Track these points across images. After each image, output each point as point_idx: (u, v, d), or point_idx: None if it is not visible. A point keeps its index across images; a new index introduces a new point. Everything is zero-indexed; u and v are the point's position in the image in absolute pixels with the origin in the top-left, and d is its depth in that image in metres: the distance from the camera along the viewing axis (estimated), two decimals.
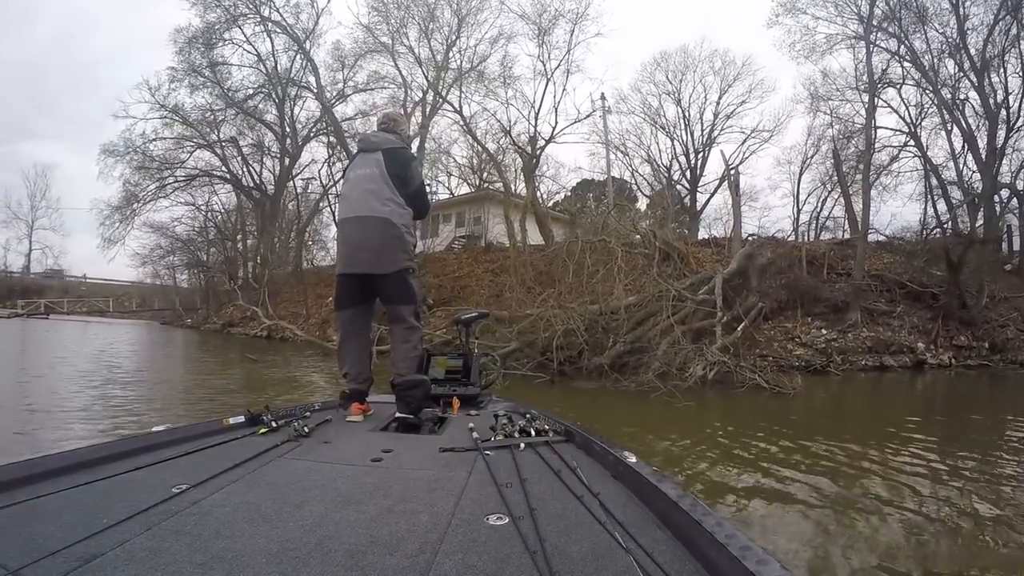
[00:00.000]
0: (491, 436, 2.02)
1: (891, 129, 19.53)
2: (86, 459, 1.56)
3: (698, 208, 28.23)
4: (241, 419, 2.20)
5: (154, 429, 1.90)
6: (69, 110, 77.29)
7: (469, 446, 1.92)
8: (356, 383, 2.82)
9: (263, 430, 2.08)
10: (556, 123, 20.92)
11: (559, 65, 21.10)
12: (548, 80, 20.88)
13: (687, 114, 28.48)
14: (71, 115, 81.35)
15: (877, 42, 17.37)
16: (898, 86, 18.42)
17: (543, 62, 21.01)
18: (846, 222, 22.86)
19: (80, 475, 1.46)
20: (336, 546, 1.09)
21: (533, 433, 2.04)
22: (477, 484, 1.53)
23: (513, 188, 21.76)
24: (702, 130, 28.63)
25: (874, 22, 17.32)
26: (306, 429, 2.09)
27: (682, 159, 28.99)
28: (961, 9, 17.81)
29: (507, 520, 1.23)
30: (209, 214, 32.52)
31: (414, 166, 2.96)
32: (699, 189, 28.63)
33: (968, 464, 4.94)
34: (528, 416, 2.37)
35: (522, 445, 1.91)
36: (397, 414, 2.57)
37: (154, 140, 27.83)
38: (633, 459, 1.58)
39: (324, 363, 12.41)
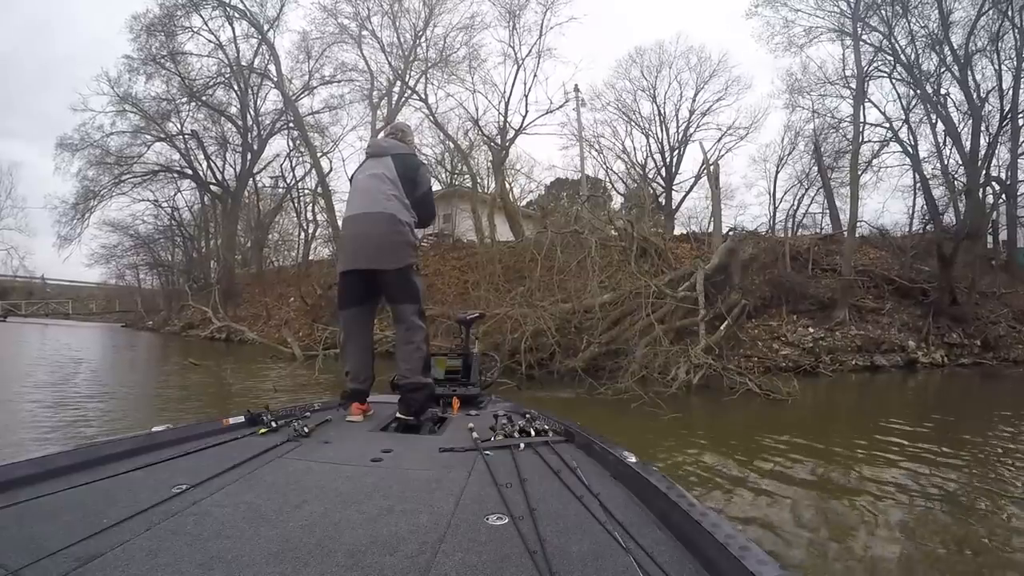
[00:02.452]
0: (491, 436, 2.00)
1: (875, 124, 18.91)
2: (86, 459, 1.56)
3: (674, 206, 27.50)
4: (241, 419, 2.18)
5: (154, 429, 1.87)
6: (42, 107, 73.21)
7: (469, 446, 1.91)
8: (357, 383, 2.80)
9: (263, 430, 2.06)
10: (527, 112, 19.72)
11: (530, 51, 19.92)
12: (519, 67, 19.76)
13: (662, 111, 27.59)
14: (44, 112, 77.38)
15: (861, 35, 16.72)
16: (888, 72, 17.79)
17: (513, 48, 19.88)
18: (824, 218, 22.42)
19: (80, 475, 1.45)
20: (336, 546, 1.08)
21: (533, 433, 2.02)
22: (477, 484, 1.52)
23: (484, 185, 20.74)
24: (678, 127, 27.76)
25: (860, 15, 16.74)
26: (306, 429, 2.07)
27: (657, 157, 28.10)
28: (944, 2, 17.33)
29: (507, 520, 1.22)
30: (175, 212, 31.10)
31: (423, 171, 2.98)
32: (674, 187, 27.82)
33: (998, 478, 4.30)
34: (528, 416, 2.35)
35: (522, 445, 1.89)
36: (397, 415, 2.56)
37: (111, 134, 26.35)
38: (633, 459, 1.58)
39: (278, 369, 11.26)
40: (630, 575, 0.98)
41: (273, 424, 2.11)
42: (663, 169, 27.87)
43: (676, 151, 27.87)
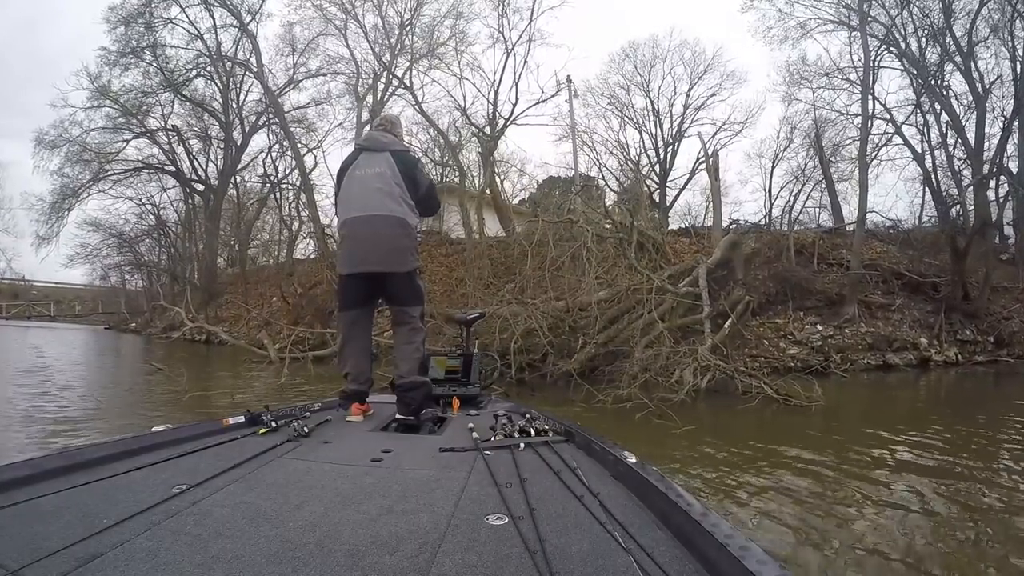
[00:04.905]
0: (491, 436, 1.99)
1: (880, 118, 18.31)
2: (86, 459, 1.55)
3: (668, 203, 26.77)
4: (241, 419, 2.17)
5: (154, 429, 1.86)
6: (30, 105, 70.35)
7: (469, 446, 1.90)
8: (356, 383, 2.80)
9: (263, 430, 2.05)
10: (517, 100, 18.50)
11: (521, 36, 18.70)
12: (508, 53, 18.56)
13: (656, 106, 26.87)
14: (31, 110, 74.73)
15: (868, 20, 16.12)
16: (899, 54, 17.21)
17: (503, 33, 18.68)
18: (822, 214, 21.89)
19: (80, 475, 1.44)
20: (336, 546, 1.08)
21: (533, 433, 2.00)
22: (477, 484, 1.51)
23: (474, 180, 19.86)
24: (672, 123, 27.02)
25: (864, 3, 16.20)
26: (306, 429, 2.06)
27: (651, 153, 27.35)
28: None
29: (507, 520, 1.22)
30: (158, 212, 30.07)
31: (421, 167, 2.97)
32: (668, 184, 27.09)
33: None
34: (528, 416, 2.36)
35: (522, 445, 1.88)
36: (397, 415, 2.58)
37: (91, 130, 25.15)
38: (633, 459, 1.58)
39: (250, 373, 10.48)
40: (630, 575, 0.97)
41: (273, 424, 2.10)
42: (657, 165, 27.20)
43: (670, 147, 27.26)
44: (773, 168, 25.17)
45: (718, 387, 7.11)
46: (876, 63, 16.44)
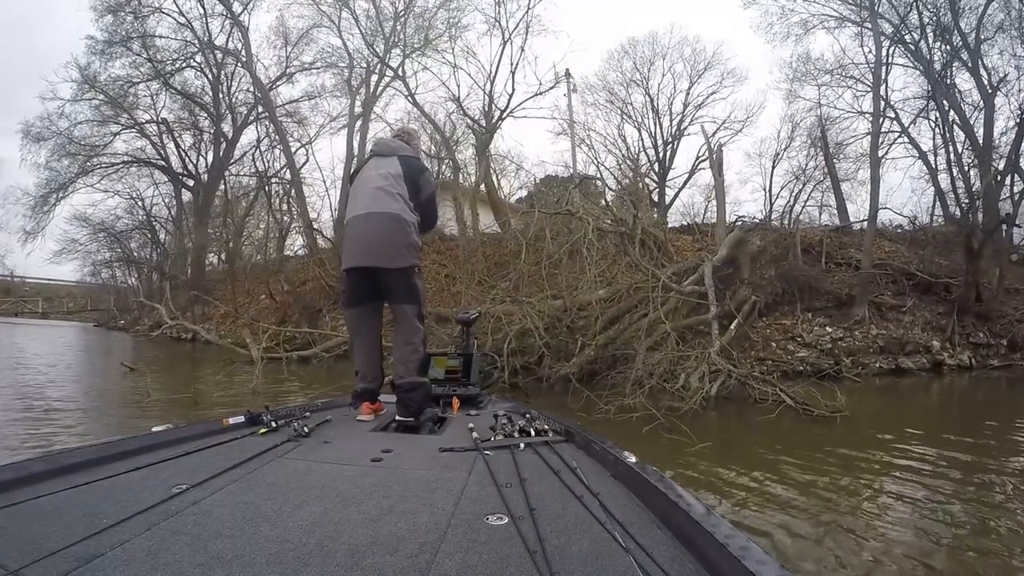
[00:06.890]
0: (491, 436, 1.98)
1: (890, 118, 17.84)
2: (86, 459, 1.55)
3: (668, 202, 26.29)
4: (241, 419, 2.16)
5: (154, 429, 1.86)
6: (26, 102, 68.83)
7: (469, 446, 1.89)
8: (365, 382, 2.81)
9: (263, 430, 2.05)
10: (514, 91, 17.70)
11: (518, 25, 17.88)
12: (505, 42, 17.76)
13: (656, 104, 26.54)
14: (28, 107, 73.77)
15: (878, 11, 15.69)
16: (914, 46, 16.74)
17: (498, 20, 17.92)
18: (823, 214, 21.47)
19: (80, 475, 1.44)
20: (336, 546, 1.07)
21: (533, 433, 2.00)
22: (477, 484, 1.51)
23: (472, 176, 19.22)
24: (671, 121, 26.71)
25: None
26: (306, 429, 2.05)
27: (650, 152, 26.92)
28: None
29: (507, 520, 1.22)
30: (150, 207, 29.48)
31: (428, 175, 3.01)
32: (667, 184, 26.64)
33: None
34: (528, 416, 2.35)
35: (522, 445, 1.87)
36: (397, 417, 2.57)
37: (80, 123, 24.60)
38: (633, 459, 1.58)
39: (219, 377, 9.80)
40: (630, 575, 0.96)
41: (273, 424, 2.09)
42: (656, 164, 26.72)
43: (669, 145, 26.85)
44: (773, 167, 24.76)
45: (729, 394, 6.57)
46: (889, 58, 15.95)
